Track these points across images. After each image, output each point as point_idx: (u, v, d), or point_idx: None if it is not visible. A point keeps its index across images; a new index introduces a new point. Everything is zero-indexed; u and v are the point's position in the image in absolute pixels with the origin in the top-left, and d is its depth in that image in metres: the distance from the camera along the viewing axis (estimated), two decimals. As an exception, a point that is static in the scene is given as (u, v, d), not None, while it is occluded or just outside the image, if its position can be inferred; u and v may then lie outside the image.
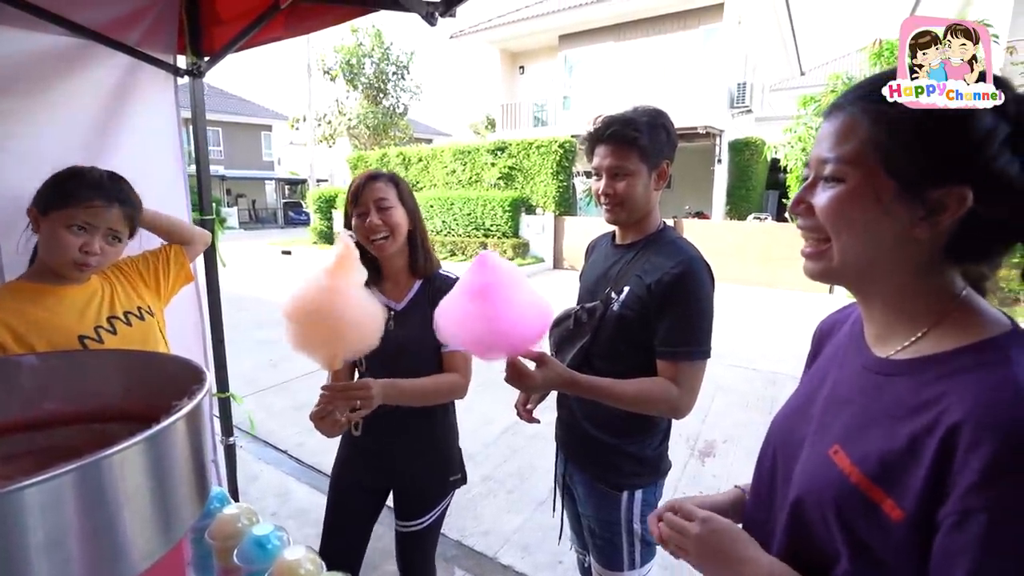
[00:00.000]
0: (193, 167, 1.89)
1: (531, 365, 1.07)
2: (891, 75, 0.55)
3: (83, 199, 1.09)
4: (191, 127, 1.87)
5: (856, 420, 0.59)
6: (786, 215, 10.74)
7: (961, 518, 0.45)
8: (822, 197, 0.58)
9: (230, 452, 2.13)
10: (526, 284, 1.01)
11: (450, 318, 1.00)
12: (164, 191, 1.73)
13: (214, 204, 2.21)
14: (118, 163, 1.25)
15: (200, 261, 1.91)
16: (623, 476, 1.24)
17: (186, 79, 1.76)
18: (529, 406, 1.36)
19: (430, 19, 1.14)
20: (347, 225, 1.29)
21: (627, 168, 1.15)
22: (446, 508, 1.45)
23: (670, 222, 10.96)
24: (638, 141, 1.14)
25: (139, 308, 1.25)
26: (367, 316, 1.05)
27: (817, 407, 0.67)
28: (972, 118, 0.50)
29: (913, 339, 0.57)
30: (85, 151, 1.45)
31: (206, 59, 1.73)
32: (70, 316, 1.13)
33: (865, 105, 0.55)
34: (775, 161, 10.72)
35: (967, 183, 0.50)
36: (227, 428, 2.12)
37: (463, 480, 1.46)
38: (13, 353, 1.03)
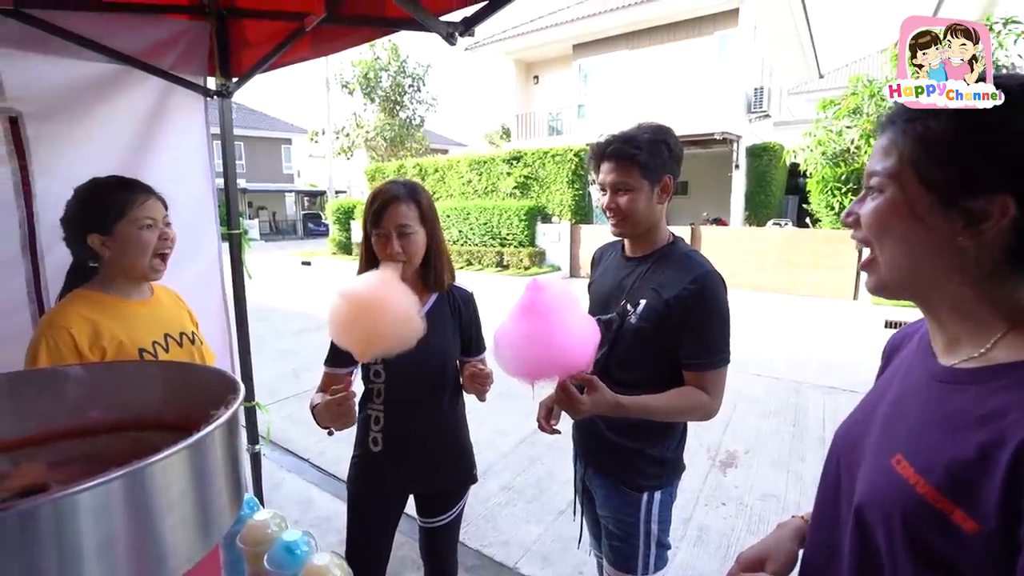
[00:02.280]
0: (220, 180, 1.96)
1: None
2: None
3: (137, 200, 1.18)
4: (220, 143, 1.95)
5: (919, 429, 0.59)
6: (806, 220, 10.58)
7: None
8: (867, 208, 0.61)
9: (255, 460, 2.18)
10: (579, 307, 1.07)
11: (505, 342, 1.04)
12: (194, 204, 1.80)
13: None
14: (153, 179, 1.31)
15: (227, 273, 1.98)
16: (645, 478, 1.29)
17: (216, 99, 1.83)
18: (553, 421, 1.38)
19: (450, 39, 1.18)
20: (366, 238, 1.33)
21: (629, 184, 1.20)
22: (464, 503, 1.52)
23: (681, 233, 10.92)
24: (637, 158, 1.18)
25: (192, 333, 1.36)
26: (410, 325, 1.10)
27: (879, 417, 0.67)
28: (1008, 125, 0.51)
29: (982, 350, 0.57)
30: (123, 170, 1.52)
31: (235, 80, 1.81)
32: (135, 328, 1.21)
33: (903, 121, 0.58)
34: (794, 166, 10.60)
35: (1008, 191, 0.51)
36: (252, 437, 2.17)
37: (476, 477, 1.53)
38: (86, 355, 1.11)
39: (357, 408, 1.21)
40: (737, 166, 13.13)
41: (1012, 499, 0.46)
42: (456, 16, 1.17)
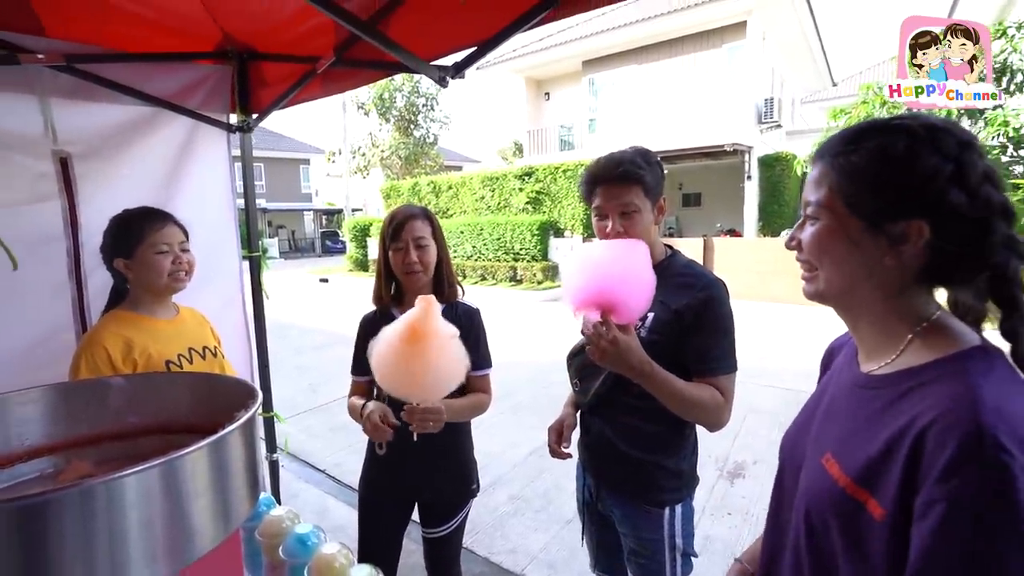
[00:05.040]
0: (241, 200, 2.13)
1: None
2: (855, 131, 0.65)
3: (153, 227, 1.33)
4: (239, 167, 2.11)
5: (844, 430, 0.67)
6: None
7: (925, 508, 0.51)
8: (807, 234, 0.69)
9: (274, 468, 2.31)
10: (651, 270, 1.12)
11: (590, 263, 1.12)
12: (218, 228, 1.97)
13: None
14: (181, 207, 1.48)
15: (247, 291, 2.13)
16: (665, 492, 1.27)
17: (237, 134, 2.00)
18: (564, 444, 1.40)
19: (442, 82, 1.31)
20: (383, 254, 1.46)
21: (635, 205, 1.19)
22: (467, 515, 1.57)
23: (694, 245, 10.75)
24: (644, 178, 1.19)
25: (214, 347, 1.50)
26: (453, 367, 1.21)
27: (817, 419, 0.75)
28: (918, 159, 0.59)
29: (893, 356, 0.65)
30: (155, 199, 1.68)
31: (254, 116, 1.98)
32: (162, 342, 1.35)
33: (830, 156, 0.66)
34: (807, 175, 10.56)
35: (923, 217, 0.59)
36: (271, 446, 2.29)
37: (478, 489, 1.59)
38: (120, 367, 1.25)
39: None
40: (749, 177, 13.10)
41: (909, 483, 0.54)
42: (448, 61, 1.31)
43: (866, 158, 0.62)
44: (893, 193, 0.61)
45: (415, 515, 1.58)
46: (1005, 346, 0.60)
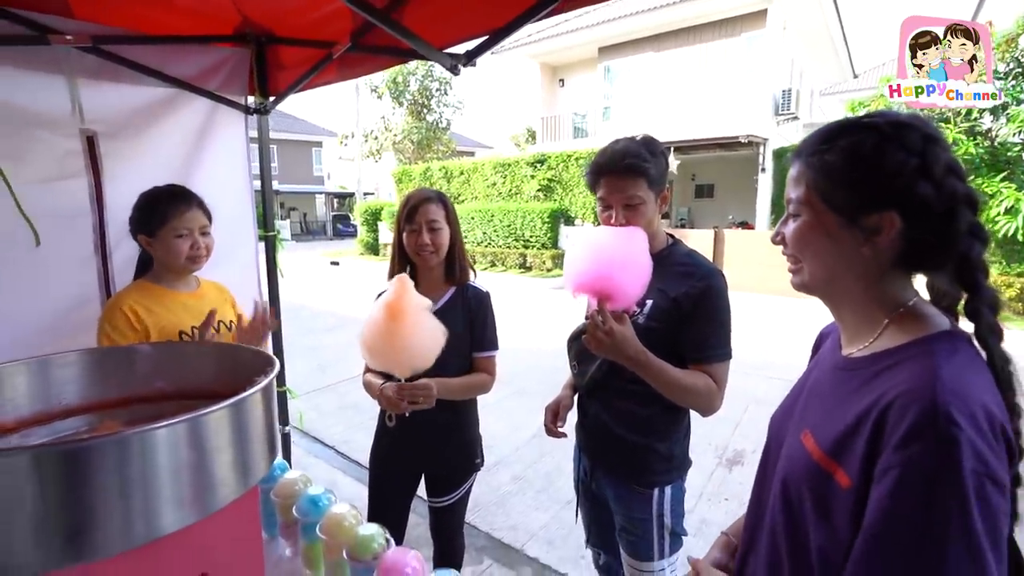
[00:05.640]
0: (257, 182, 2.19)
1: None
2: (829, 130, 0.69)
3: (177, 211, 1.39)
4: (257, 150, 2.18)
5: (824, 409, 0.71)
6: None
7: (882, 473, 0.56)
8: (789, 229, 0.73)
9: (286, 440, 2.40)
10: (648, 257, 1.17)
11: (591, 250, 1.17)
12: (236, 206, 2.04)
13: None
14: (200, 186, 1.53)
15: (263, 272, 2.20)
16: (655, 474, 1.32)
17: (254, 116, 2.06)
18: (560, 423, 1.46)
19: (454, 70, 1.35)
20: (398, 236, 1.51)
21: (640, 197, 1.21)
22: (470, 487, 1.65)
23: (704, 236, 10.64)
24: (648, 170, 1.20)
25: (230, 322, 1.55)
26: (428, 341, 1.28)
27: (800, 402, 0.79)
28: (885, 155, 0.63)
29: (871, 340, 0.69)
30: (176, 178, 1.75)
31: (271, 99, 2.03)
32: (178, 314, 1.42)
33: (806, 156, 0.70)
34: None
35: (894, 208, 0.63)
36: (283, 419, 2.39)
37: (482, 463, 1.66)
38: (136, 328, 1.33)
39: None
40: (763, 169, 12.94)
41: (872, 454, 0.59)
42: (460, 49, 1.35)
43: (838, 156, 0.66)
44: (865, 188, 0.65)
45: (421, 492, 1.65)
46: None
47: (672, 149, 12.62)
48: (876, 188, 0.64)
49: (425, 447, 1.56)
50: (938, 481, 0.52)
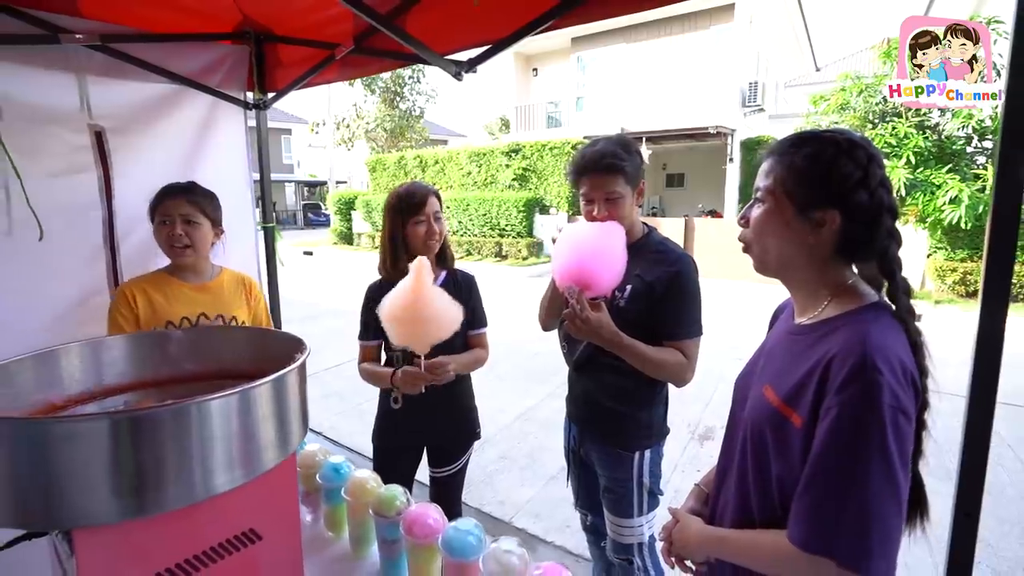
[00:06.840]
0: (256, 174, 2.26)
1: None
2: (799, 137, 0.84)
3: (160, 201, 1.47)
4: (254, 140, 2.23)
5: (780, 366, 0.88)
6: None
7: (825, 413, 0.71)
8: (754, 213, 0.89)
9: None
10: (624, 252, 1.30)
11: (572, 241, 1.31)
12: (236, 196, 2.11)
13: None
14: (203, 178, 1.60)
15: (263, 261, 2.27)
16: (636, 439, 1.48)
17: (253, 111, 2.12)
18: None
19: (457, 77, 1.46)
20: (394, 227, 1.61)
21: (618, 192, 1.36)
22: (468, 458, 1.79)
23: (675, 225, 10.92)
24: (625, 168, 1.35)
25: (233, 317, 1.58)
26: (447, 315, 1.40)
27: (760, 362, 0.96)
28: (837, 165, 0.79)
29: (817, 311, 0.86)
30: (179, 171, 1.82)
31: (270, 95, 2.09)
32: (173, 304, 1.48)
33: (779, 154, 0.86)
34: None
35: (836, 208, 0.79)
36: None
37: (480, 433, 1.81)
38: (130, 311, 1.42)
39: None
40: (731, 159, 13.36)
41: (819, 398, 0.76)
42: (463, 56, 1.46)
43: (802, 159, 0.82)
44: (818, 187, 0.81)
45: (422, 471, 1.78)
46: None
47: (644, 139, 12.90)
48: (827, 189, 0.80)
49: (427, 422, 1.69)
50: (865, 412, 0.70)
